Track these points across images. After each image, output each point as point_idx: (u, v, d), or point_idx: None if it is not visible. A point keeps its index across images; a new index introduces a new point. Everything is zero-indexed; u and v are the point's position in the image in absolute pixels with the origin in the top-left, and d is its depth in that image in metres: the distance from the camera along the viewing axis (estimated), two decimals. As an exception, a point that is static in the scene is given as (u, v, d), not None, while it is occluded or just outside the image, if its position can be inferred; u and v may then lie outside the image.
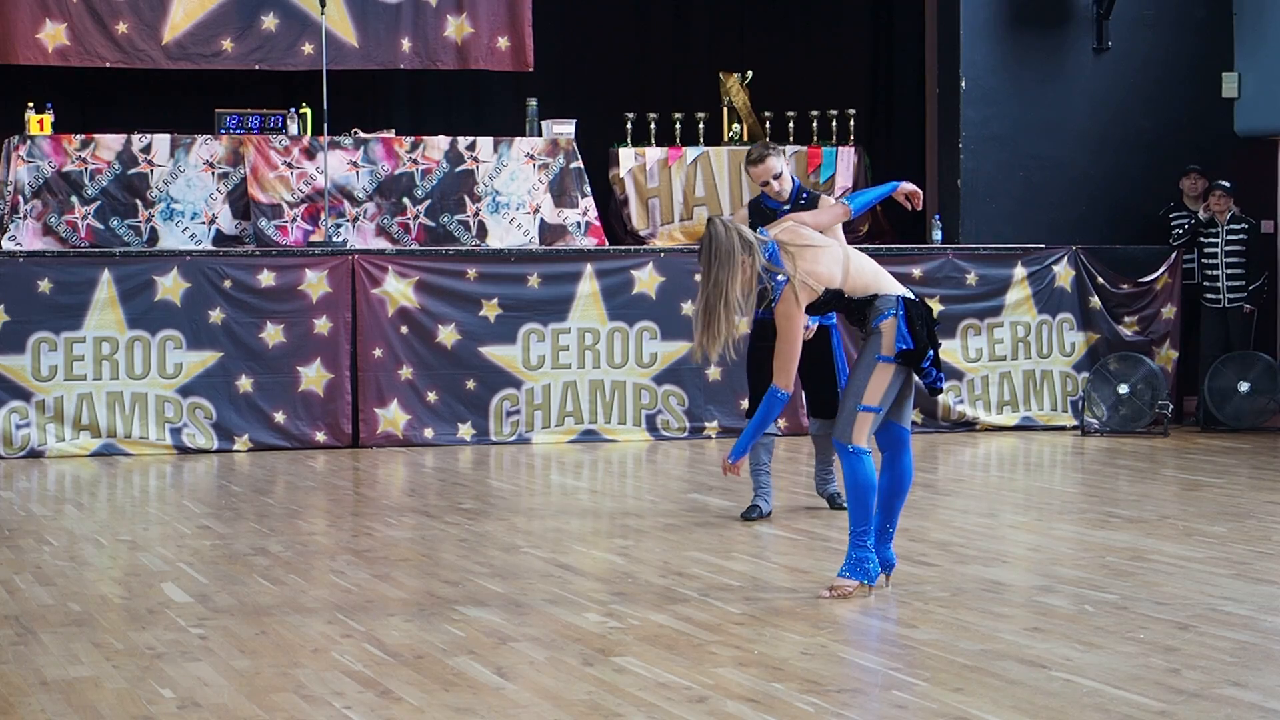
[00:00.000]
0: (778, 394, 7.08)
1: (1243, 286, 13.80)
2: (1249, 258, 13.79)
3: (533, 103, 14.37)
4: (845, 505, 8.11)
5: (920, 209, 8.02)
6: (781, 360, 7.11)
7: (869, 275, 7.20)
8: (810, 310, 7.19)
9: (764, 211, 8.97)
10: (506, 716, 5.46)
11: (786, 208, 8.80)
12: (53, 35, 13.77)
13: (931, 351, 7.19)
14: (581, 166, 14.06)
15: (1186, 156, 14.45)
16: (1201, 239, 13.91)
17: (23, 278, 12.19)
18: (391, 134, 13.93)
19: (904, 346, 7.11)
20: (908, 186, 7.72)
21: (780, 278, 7.06)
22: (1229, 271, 13.84)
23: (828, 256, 7.15)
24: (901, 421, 7.32)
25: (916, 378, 7.26)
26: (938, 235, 14.07)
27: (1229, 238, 13.81)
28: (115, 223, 13.20)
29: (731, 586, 7.54)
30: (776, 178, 9.01)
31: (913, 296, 7.24)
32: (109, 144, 13.25)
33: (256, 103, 14.21)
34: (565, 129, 14.14)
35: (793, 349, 7.09)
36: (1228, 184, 13.79)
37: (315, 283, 12.65)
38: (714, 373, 13.27)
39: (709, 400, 13.28)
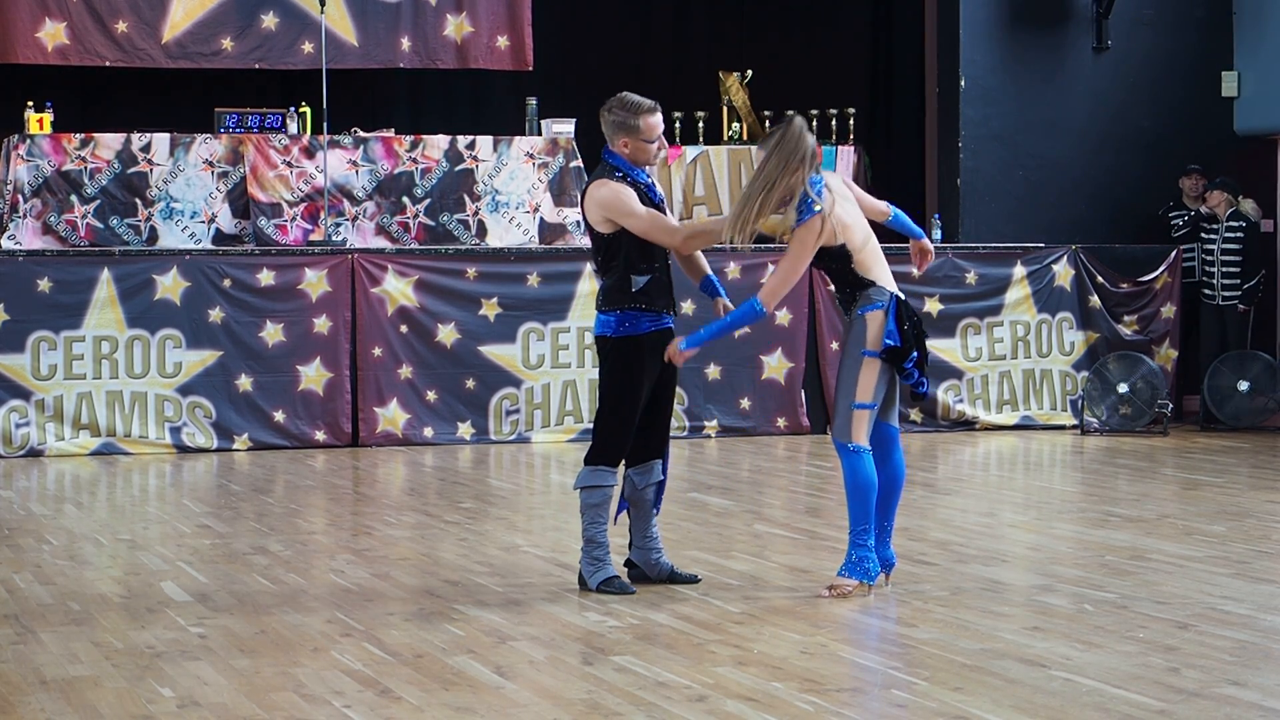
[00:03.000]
0: (756, 307, 7.05)
1: (1238, 285, 13.82)
2: (1246, 256, 13.80)
3: (532, 102, 14.36)
4: (685, 576, 7.58)
5: (920, 272, 7.91)
6: (778, 277, 7.07)
7: (878, 260, 7.22)
8: (817, 263, 7.16)
9: (636, 188, 7.41)
10: (506, 716, 5.46)
11: (648, 180, 7.49)
12: (52, 34, 13.77)
13: (916, 353, 7.19)
14: (581, 165, 14.05)
15: (1186, 156, 14.45)
16: (1202, 234, 13.94)
17: (22, 277, 12.19)
18: (391, 133, 13.93)
19: (891, 343, 7.12)
20: (927, 244, 7.66)
21: (816, 207, 7.06)
22: (1225, 270, 13.89)
23: (858, 220, 7.21)
24: (889, 420, 7.32)
25: (899, 377, 7.26)
26: (937, 234, 14.07)
27: (1226, 235, 13.84)
28: (115, 222, 13.20)
29: (731, 585, 7.54)
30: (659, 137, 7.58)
31: (904, 298, 7.25)
32: (108, 143, 13.25)
33: (256, 102, 14.22)
34: (565, 128, 14.13)
35: (794, 272, 7.08)
36: (1220, 180, 13.83)
37: (315, 282, 12.66)
38: (713, 372, 13.27)
39: (708, 399, 13.28)
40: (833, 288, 7.53)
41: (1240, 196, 13.90)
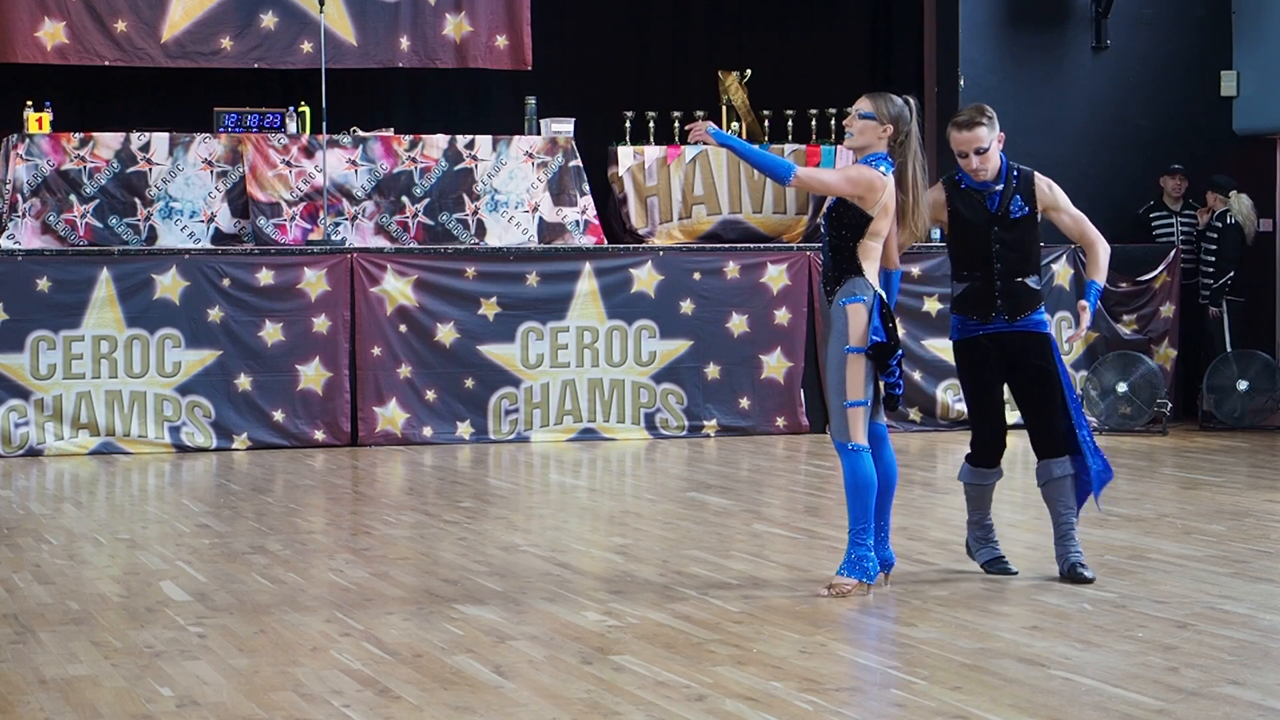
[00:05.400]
0: (790, 169, 7.09)
1: (1209, 285, 13.92)
2: (1218, 256, 13.85)
3: (531, 101, 14.36)
4: (1008, 568, 7.68)
5: None
6: (818, 174, 7.45)
7: (875, 260, 7.24)
8: (834, 220, 7.22)
9: (964, 195, 7.60)
10: (505, 715, 5.46)
11: (998, 188, 7.59)
12: (51, 34, 13.76)
13: (901, 352, 7.23)
14: (580, 165, 14.05)
15: (1185, 156, 14.46)
16: (1205, 235, 14.04)
17: (21, 276, 12.19)
18: (390, 132, 13.92)
19: (878, 339, 7.13)
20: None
21: (882, 169, 7.23)
22: (1203, 270, 14.00)
23: (891, 225, 7.28)
24: (875, 417, 7.33)
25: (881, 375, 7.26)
26: (936, 234, 14.06)
27: (1208, 235, 13.93)
28: (114, 221, 13.20)
29: (730, 585, 7.54)
30: (980, 153, 7.54)
31: (885, 299, 7.27)
32: (108, 142, 13.24)
33: (255, 101, 14.20)
34: (564, 127, 14.13)
35: (833, 182, 7.21)
36: (1212, 179, 13.94)
37: (314, 281, 12.66)
38: (713, 371, 13.28)
39: (708, 399, 13.28)
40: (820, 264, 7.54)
41: (1233, 193, 13.90)
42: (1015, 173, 7.63)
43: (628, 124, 14.56)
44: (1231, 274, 13.87)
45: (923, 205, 7.35)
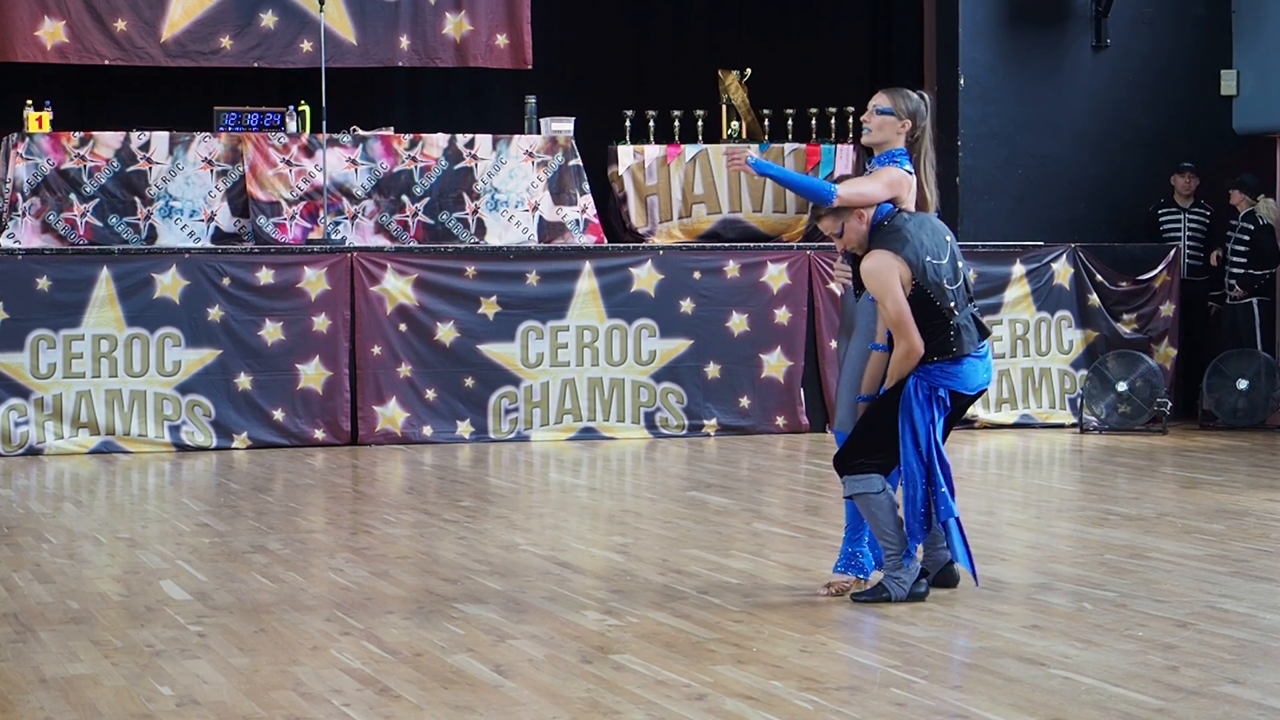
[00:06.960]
0: (831, 190, 7.06)
1: (1235, 278, 13.90)
2: (1250, 256, 13.83)
3: (531, 100, 14.36)
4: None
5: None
6: (857, 186, 7.14)
7: None
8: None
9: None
10: (505, 714, 5.46)
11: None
12: (51, 33, 13.76)
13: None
14: (580, 164, 14.05)
15: (1185, 154, 14.45)
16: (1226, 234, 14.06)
17: (21, 275, 12.19)
18: (390, 131, 13.92)
19: None
20: None
21: (907, 166, 7.33)
22: (1232, 268, 13.95)
23: (914, 202, 7.38)
24: None
25: None
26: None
27: (1238, 235, 13.90)
28: (114, 220, 13.19)
29: (730, 584, 7.55)
30: (838, 236, 7.25)
31: None
32: (108, 141, 13.24)
33: (255, 100, 14.21)
34: (564, 126, 14.13)
35: (872, 192, 7.16)
36: (1240, 178, 13.92)
37: (314, 280, 12.66)
38: (713, 370, 13.27)
39: (708, 398, 13.28)
40: (844, 264, 7.46)
41: (1261, 196, 13.92)
42: (886, 220, 7.24)
43: (628, 123, 14.55)
44: (1269, 272, 13.88)
45: (931, 201, 7.33)
